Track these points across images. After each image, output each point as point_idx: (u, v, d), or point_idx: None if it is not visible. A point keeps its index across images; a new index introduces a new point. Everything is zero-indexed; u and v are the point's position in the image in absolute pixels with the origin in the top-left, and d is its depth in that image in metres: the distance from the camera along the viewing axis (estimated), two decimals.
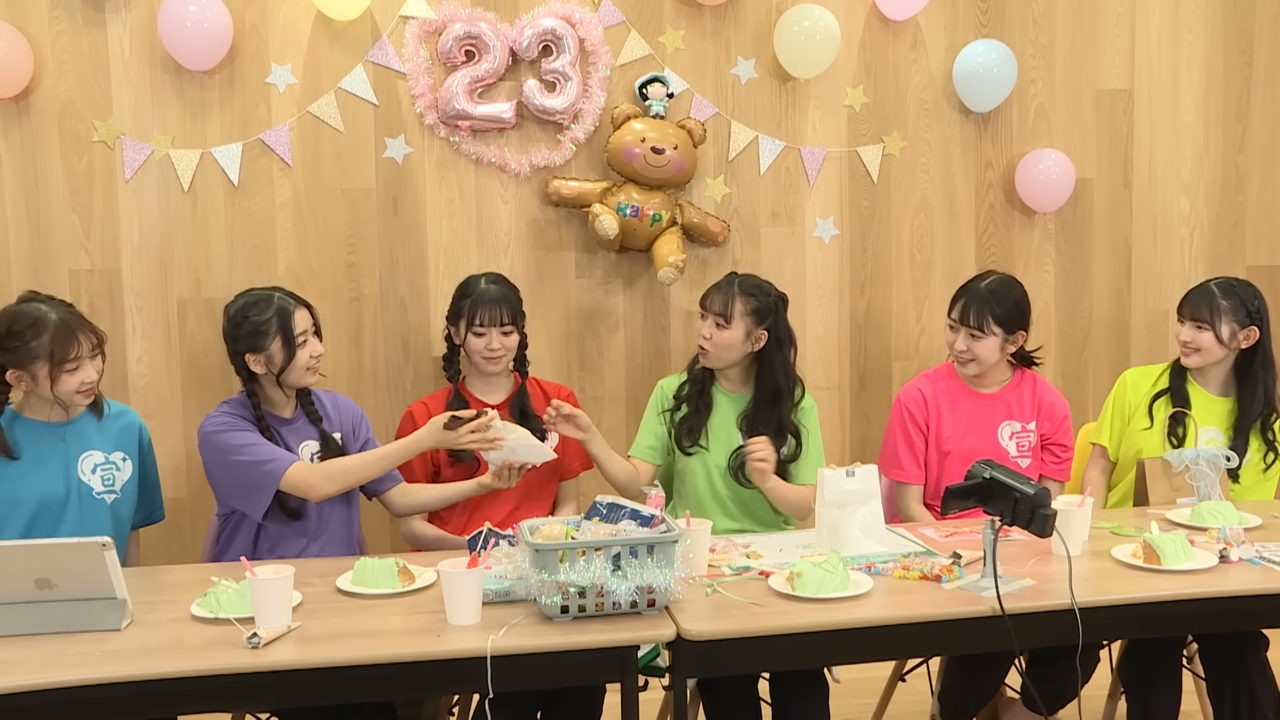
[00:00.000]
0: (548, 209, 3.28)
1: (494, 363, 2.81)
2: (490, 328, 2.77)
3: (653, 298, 3.37)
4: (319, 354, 2.61)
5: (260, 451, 2.50)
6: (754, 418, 2.79)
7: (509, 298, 2.82)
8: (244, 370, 2.60)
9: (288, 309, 2.57)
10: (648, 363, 3.39)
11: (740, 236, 3.39)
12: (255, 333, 2.55)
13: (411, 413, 2.85)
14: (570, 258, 3.31)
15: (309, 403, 2.68)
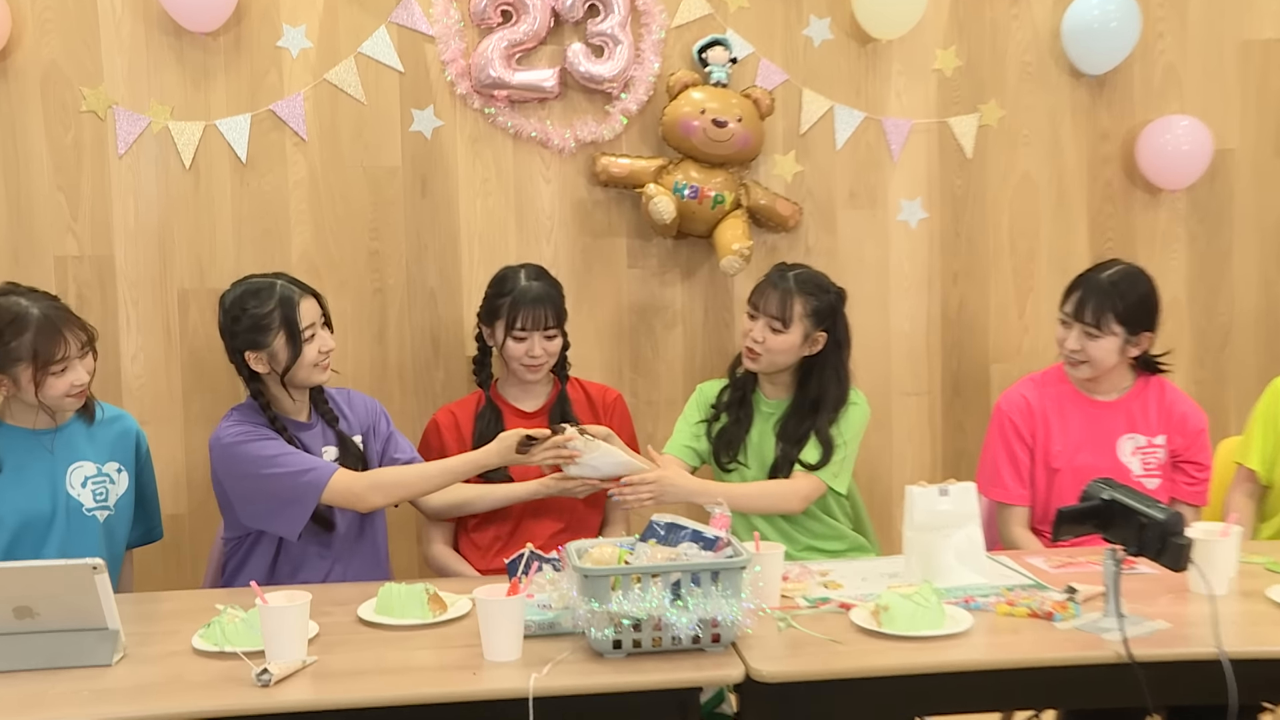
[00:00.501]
0: (595, 190, 3.25)
1: (535, 370, 2.81)
2: (533, 332, 2.76)
3: (714, 290, 3.33)
4: (329, 348, 2.59)
5: (296, 460, 2.48)
6: (786, 425, 2.77)
7: (553, 297, 2.80)
8: (245, 370, 2.58)
9: (291, 299, 2.54)
10: (708, 363, 3.34)
11: (814, 220, 3.34)
12: (255, 327, 2.52)
13: (437, 422, 2.85)
14: (621, 245, 3.28)
15: (323, 403, 2.67)
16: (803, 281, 2.76)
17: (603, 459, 2.53)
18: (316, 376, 2.59)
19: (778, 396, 2.82)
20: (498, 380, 2.92)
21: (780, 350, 2.74)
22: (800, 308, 2.72)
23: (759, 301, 2.76)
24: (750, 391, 2.83)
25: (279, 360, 2.54)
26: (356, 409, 2.73)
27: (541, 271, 2.86)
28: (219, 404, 3.05)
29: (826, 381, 2.76)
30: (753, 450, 2.81)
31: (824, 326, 2.76)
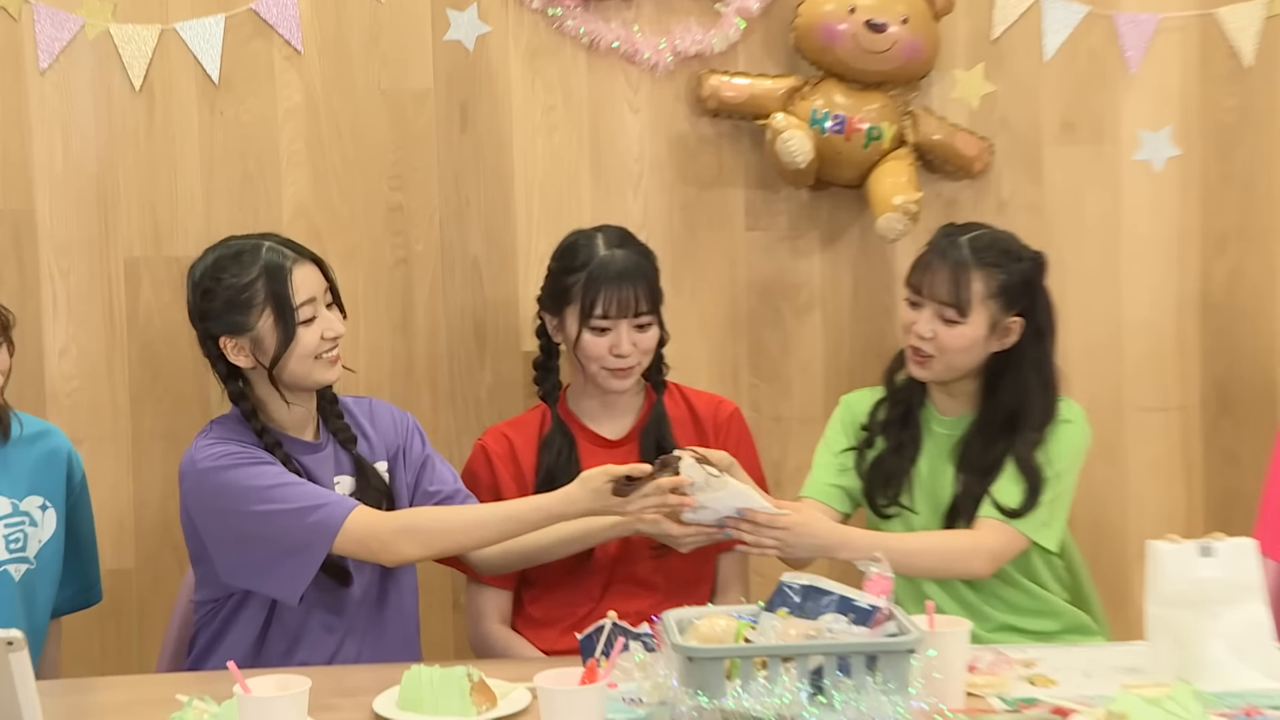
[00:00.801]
0: (701, 122, 3.24)
1: (623, 375, 2.81)
2: (618, 320, 2.76)
3: (868, 260, 3.30)
4: (336, 334, 2.61)
5: (300, 493, 2.52)
6: (969, 452, 2.79)
7: (644, 271, 2.82)
8: (223, 365, 2.61)
9: (281, 264, 2.57)
10: (858, 363, 3.31)
11: (1010, 162, 3.30)
12: (233, 303, 2.55)
13: (486, 450, 2.87)
14: (737, 198, 3.27)
15: (335, 415, 2.70)
16: (981, 248, 2.74)
17: (729, 500, 2.52)
18: (320, 373, 2.61)
19: (956, 411, 2.82)
20: (568, 390, 2.92)
21: (958, 348, 2.73)
22: (981, 286, 2.71)
23: (922, 282, 2.75)
24: (917, 406, 2.84)
25: (265, 348, 2.56)
26: (382, 425, 2.77)
27: (627, 236, 2.87)
28: (182, 417, 3.07)
29: (1026, 387, 2.75)
30: (921, 488, 2.82)
31: (1018, 309, 2.74)
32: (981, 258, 2.71)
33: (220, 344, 2.57)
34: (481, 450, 2.85)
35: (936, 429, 2.82)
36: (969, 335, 2.70)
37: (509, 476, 2.82)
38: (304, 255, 2.61)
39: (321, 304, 2.60)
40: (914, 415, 2.83)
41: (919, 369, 2.77)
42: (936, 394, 2.83)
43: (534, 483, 2.79)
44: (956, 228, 2.81)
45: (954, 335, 2.70)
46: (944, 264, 2.71)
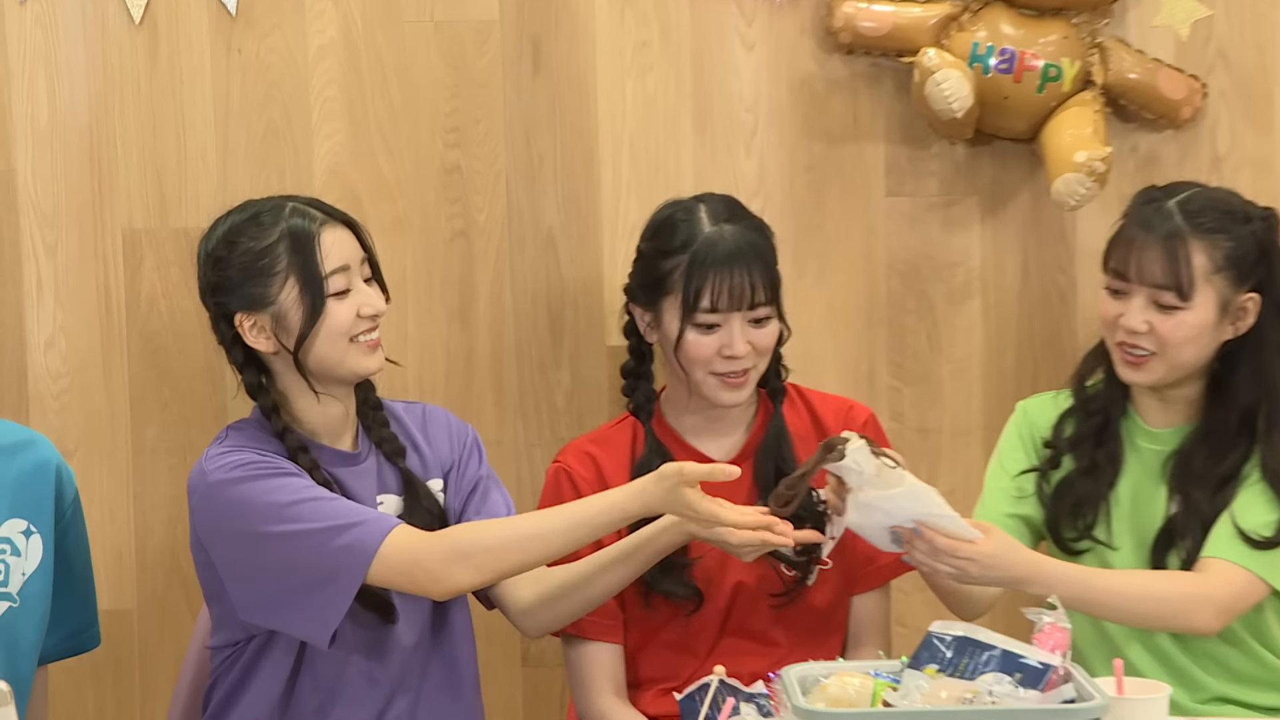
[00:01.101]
0: (831, 60, 3.15)
1: (736, 383, 2.72)
2: (730, 314, 2.67)
3: (1040, 233, 3.21)
4: (375, 311, 2.55)
5: (329, 510, 2.48)
6: (1188, 468, 2.69)
7: (760, 251, 2.72)
8: (239, 349, 2.55)
9: (307, 226, 2.53)
10: (1026, 362, 3.23)
11: (1228, 106, 3.16)
12: (251, 269, 2.51)
13: (568, 472, 2.78)
14: (876, 156, 3.18)
15: (380, 422, 2.65)
16: (1196, 212, 2.64)
17: (906, 505, 2.39)
18: (355, 360, 2.54)
19: (1170, 421, 2.71)
20: (663, 399, 2.83)
21: (1182, 341, 2.62)
22: (1204, 259, 2.60)
23: (1128, 263, 2.64)
24: (1117, 416, 2.74)
25: (288, 326, 2.49)
26: (436, 436, 2.71)
27: (736, 208, 2.76)
28: (193, 425, 3.01)
29: (1271, 379, 2.66)
30: (1122, 517, 2.71)
31: (1252, 284, 2.63)
32: (1199, 224, 2.61)
33: (236, 323, 2.51)
34: (563, 475, 2.75)
35: (1143, 444, 2.72)
36: (1194, 323, 2.59)
37: None
38: (335, 217, 2.55)
39: (358, 275, 2.54)
40: (1113, 428, 2.74)
41: (1134, 371, 2.65)
42: (1145, 400, 2.72)
43: None
44: (1159, 190, 2.70)
45: (1175, 325, 2.59)
46: (1153, 237, 2.61)
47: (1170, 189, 2.69)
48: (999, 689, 2.01)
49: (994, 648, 2.05)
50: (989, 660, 2.05)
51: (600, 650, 2.71)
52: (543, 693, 3.08)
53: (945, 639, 2.07)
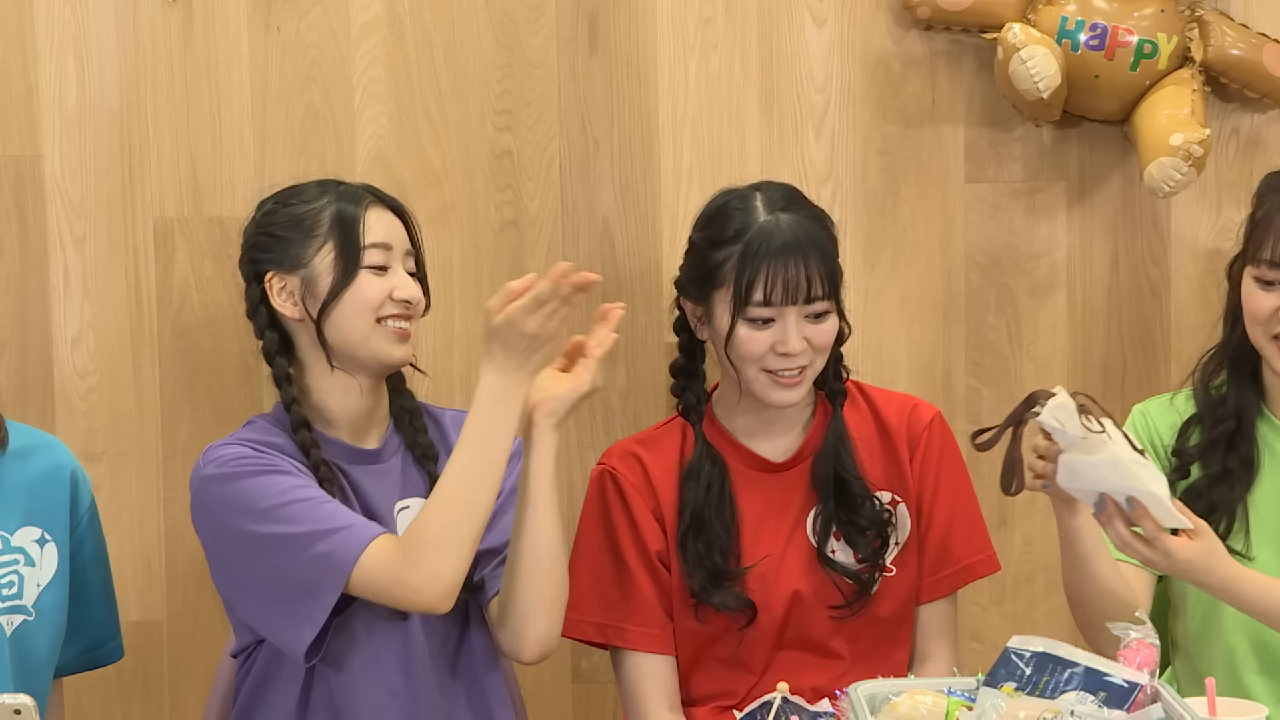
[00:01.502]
0: (908, 36, 3.10)
1: (791, 383, 2.67)
2: (784, 307, 2.61)
3: (1134, 223, 3.15)
4: (409, 297, 2.55)
5: (315, 514, 2.46)
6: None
7: (819, 241, 2.67)
8: (264, 312, 2.56)
9: (356, 201, 2.56)
10: (1115, 361, 3.18)
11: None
12: (292, 228, 2.55)
13: (615, 476, 2.74)
14: (955, 139, 3.14)
15: (416, 425, 2.63)
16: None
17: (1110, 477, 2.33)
18: (379, 343, 2.52)
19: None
20: (715, 397, 2.80)
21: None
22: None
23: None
24: (1251, 417, 2.66)
25: (317, 292, 2.50)
26: None
27: (794, 196, 2.71)
28: (226, 425, 2.95)
29: None
30: (1261, 524, 2.64)
31: None
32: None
33: (266, 283, 2.53)
34: (608, 479, 2.72)
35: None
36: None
37: (648, 514, 2.68)
38: (386, 202, 2.57)
39: (399, 260, 2.54)
40: (1246, 429, 2.69)
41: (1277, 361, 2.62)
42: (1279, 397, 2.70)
43: (675, 523, 2.66)
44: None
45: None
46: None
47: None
48: (1081, 709, 1.99)
49: (1077, 665, 2.03)
50: (1071, 678, 2.03)
51: (650, 662, 2.68)
52: (594, 710, 3.06)
53: (1024, 655, 2.06)
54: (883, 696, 2.06)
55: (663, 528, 2.68)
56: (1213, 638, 2.68)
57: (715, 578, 2.61)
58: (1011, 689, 2.04)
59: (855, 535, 2.60)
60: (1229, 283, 2.67)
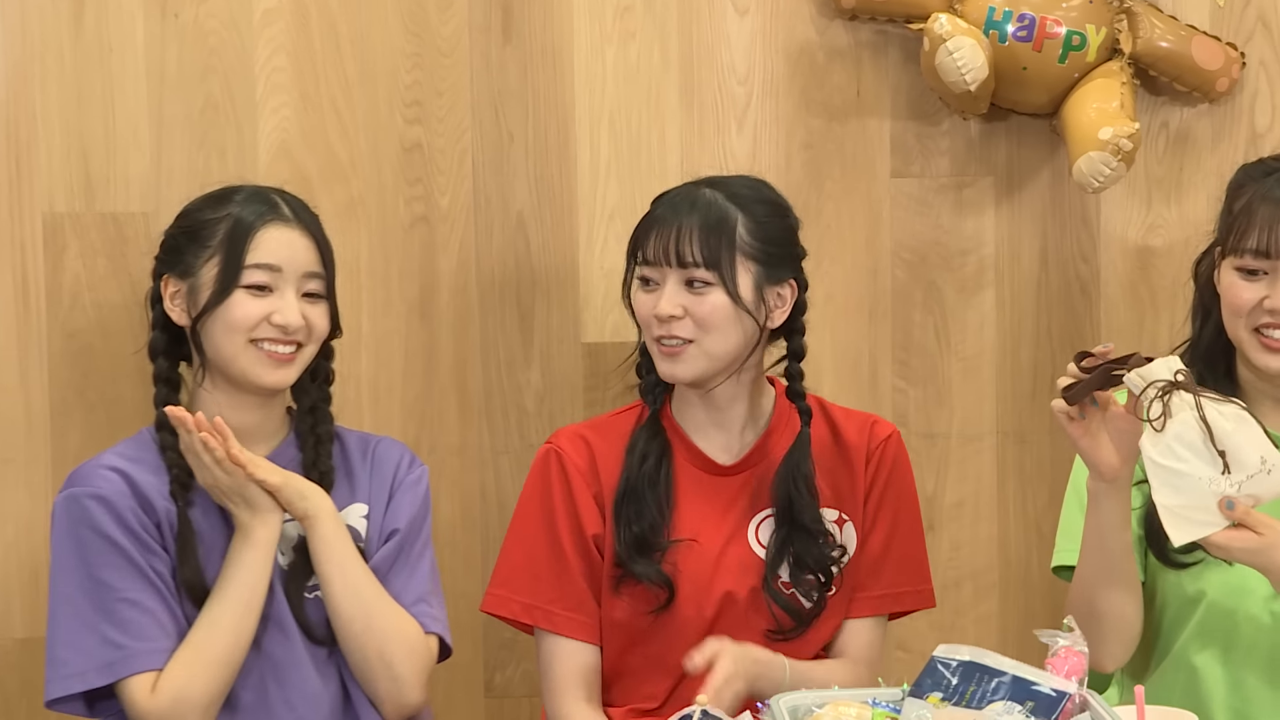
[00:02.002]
0: (832, 27, 3.10)
1: (671, 353, 2.64)
2: (664, 268, 2.62)
3: (1063, 219, 3.16)
4: (286, 324, 2.49)
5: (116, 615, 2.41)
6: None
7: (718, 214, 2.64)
8: (157, 311, 2.56)
9: (259, 215, 2.51)
10: (1044, 360, 3.18)
11: (1267, 77, 3.12)
12: (190, 236, 2.53)
13: (559, 455, 2.70)
14: (881, 133, 3.14)
15: (320, 446, 2.58)
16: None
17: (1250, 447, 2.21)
18: (249, 363, 2.48)
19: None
20: (675, 390, 2.77)
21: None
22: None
23: (1271, 238, 2.54)
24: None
25: (197, 301, 2.50)
26: (381, 466, 2.65)
27: (748, 181, 2.70)
28: (121, 431, 2.84)
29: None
30: None
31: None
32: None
33: (162, 283, 2.53)
34: (553, 458, 2.68)
35: None
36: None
37: (589, 497, 2.64)
38: (300, 219, 2.50)
39: (292, 285, 2.48)
40: None
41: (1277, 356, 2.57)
42: (1259, 401, 2.63)
43: (612, 497, 2.63)
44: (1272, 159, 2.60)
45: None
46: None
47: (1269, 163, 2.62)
48: (1009, 719, 1.98)
49: (1004, 673, 2.03)
50: (998, 687, 2.02)
51: (573, 649, 2.65)
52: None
53: (950, 664, 2.06)
54: (805, 708, 2.05)
55: (602, 513, 2.64)
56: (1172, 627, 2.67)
57: (641, 546, 2.58)
58: (938, 699, 2.03)
59: (800, 573, 2.59)
60: (1195, 281, 2.67)
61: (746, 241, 2.62)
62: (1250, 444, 2.24)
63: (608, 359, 3.04)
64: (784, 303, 2.64)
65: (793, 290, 2.64)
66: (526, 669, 3.04)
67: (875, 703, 2.06)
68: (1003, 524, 3.10)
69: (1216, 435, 2.25)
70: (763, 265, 2.60)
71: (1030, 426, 3.16)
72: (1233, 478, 2.27)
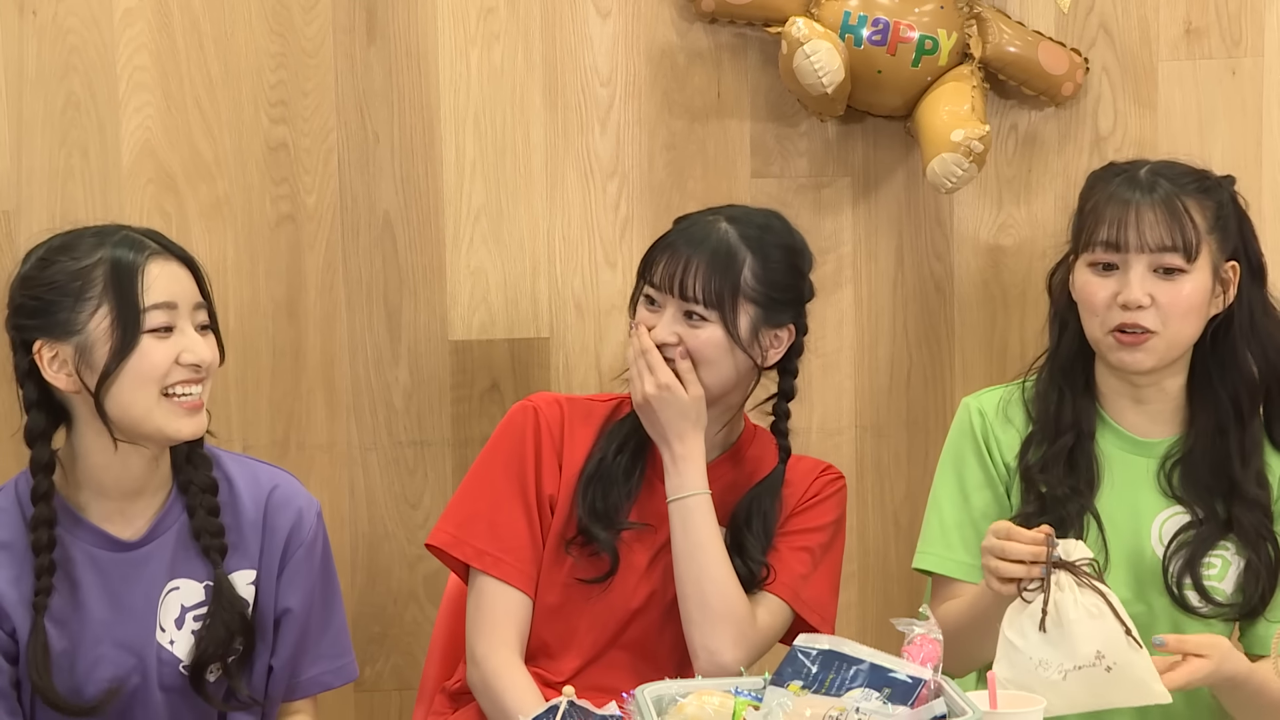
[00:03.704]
0: (692, 30, 3.12)
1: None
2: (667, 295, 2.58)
3: (917, 219, 3.19)
4: (199, 360, 2.37)
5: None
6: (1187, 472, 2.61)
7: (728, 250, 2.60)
8: (32, 385, 2.36)
9: (133, 254, 2.36)
10: (901, 356, 3.21)
11: (1110, 82, 3.17)
12: (61, 292, 2.34)
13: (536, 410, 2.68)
14: (740, 134, 3.15)
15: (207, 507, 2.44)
16: (1176, 175, 2.56)
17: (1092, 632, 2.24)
18: (164, 418, 2.34)
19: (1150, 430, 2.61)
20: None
21: (1186, 311, 2.53)
22: (1201, 217, 2.52)
23: (1124, 230, 2.53)
24: (1089, 426, 2.64)
25: (93, 362, 2.31)
26: (275, 522, 2.51)
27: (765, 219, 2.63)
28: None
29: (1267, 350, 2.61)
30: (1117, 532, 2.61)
31: (1230, 250, 2.58)
32: (1184, 185, 2.54)
33: (35, 352, 2.33)
34: (531, 413, 2.65)
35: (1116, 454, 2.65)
36: (1195, 289, 2.52)
37: (553, 457, 2.62)
38: (172, 251, 2.38)
39: (187, 319, 2.36)
40: (1085, 444, 2.65)
41: (1133, 353, 2.54)
42: (1123, 408, 2.63)
43: (575, 473, 2.60)
44: (1122, 164, 2.62)
45: (1178, 293, 2.51)
46: (1149, 198, 2.53)
47: (1131, 163, 2.62)
48: (867, 705, 1.97)
49: (862, 661, 2.02)
50: (856, 675, 2.02)
51: (511, 595, 2.61)
52: (378, 716, 3.02)
53: (810, 653, 2.04)
54: (670, 698, 2.05)
55: (560, 474, 2.62)
56: None
57: (602, 519, 2.56)
58: (798, 687, 2.03)
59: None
60: (1050, 293, 2.67)
61: (750, 285, 2.60)
62: (1092, 637, 2.25)
63: (474, 356, 3.04)
64: (779, 344, 2.63)
65: (790, 334, 2.63)
66: (396, 663, 3.03)
67: (738, 692, 2.07)
68: (861, 516, 3.10)
69: (1055, 617, 2.27)
70: (763, 309, 2.58)
71: (887, 421, 3.19)
72: (1061, 662, 2.28)
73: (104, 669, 2.35)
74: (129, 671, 2.35)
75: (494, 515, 2.57)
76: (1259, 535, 2.59)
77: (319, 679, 2.52)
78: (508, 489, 2.58)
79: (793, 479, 2.72)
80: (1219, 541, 2.58)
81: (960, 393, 3.07)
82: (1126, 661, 2.26)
